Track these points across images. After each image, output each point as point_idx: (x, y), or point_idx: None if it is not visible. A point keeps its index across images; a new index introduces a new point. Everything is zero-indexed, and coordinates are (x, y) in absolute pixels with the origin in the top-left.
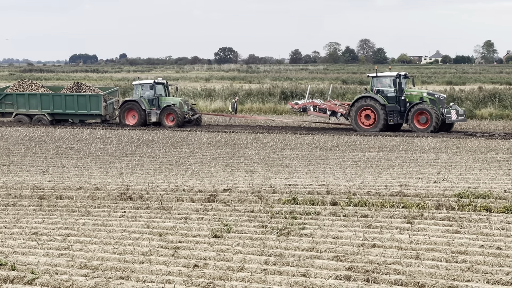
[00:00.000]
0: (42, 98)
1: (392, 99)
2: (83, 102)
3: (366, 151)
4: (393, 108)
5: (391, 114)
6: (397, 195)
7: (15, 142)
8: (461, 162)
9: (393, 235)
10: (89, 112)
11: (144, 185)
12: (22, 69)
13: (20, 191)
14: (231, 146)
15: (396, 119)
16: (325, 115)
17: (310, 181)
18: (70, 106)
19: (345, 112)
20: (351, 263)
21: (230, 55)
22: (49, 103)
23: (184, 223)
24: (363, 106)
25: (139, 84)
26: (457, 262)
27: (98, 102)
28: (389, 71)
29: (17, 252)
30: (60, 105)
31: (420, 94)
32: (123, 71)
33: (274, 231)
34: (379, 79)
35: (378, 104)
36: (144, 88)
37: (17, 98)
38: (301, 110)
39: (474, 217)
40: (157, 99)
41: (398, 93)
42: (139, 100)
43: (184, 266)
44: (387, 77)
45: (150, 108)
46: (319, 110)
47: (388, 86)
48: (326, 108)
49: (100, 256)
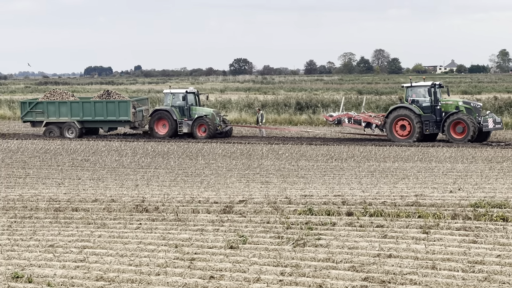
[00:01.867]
0: (72, 106)
1: (428, 109)
2: (112, 108)
3: (381, 161)
4: (429, 118)
5: (426, 124)
6: (412, 205)
7: (31, 155)
8: (477, 171)
9: (409, 245)
10: (118, 118)
11: (159, 197)
12: (37, 82)
13: (36, 204)
14: (246, 157)
15: (432, 129)
16: (360, 127)
17: (325, 191)
18: (99, 113)
19: (380, 123)
20: (367, 274)
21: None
22: (78, 110)
23: (200, 234)
24: (398, 117)
25: (170, 93)
26: (473, 272)
27: (127, 109)
28: (423, 81)
29: (33, 265)
30: (89, 112)
31: (456, 103)
32: (138, 83)
33: (290, 242)
34: (413, 89)
35: (413, 114)
36: (176, 97)
37: (47, 106)
38: (335, 123)
39: (490, 226)
40: (189, 109)
41: (433, 102)
42: (170, 109)
43: (200, 277)
44: (421, 87)
45: (182, 118)
46: (354, 122)
47: (423, 96)
48: (361, 120)
49: (116, 268)
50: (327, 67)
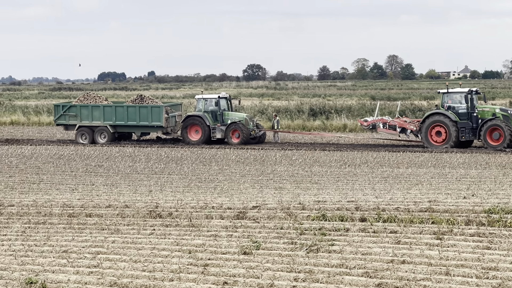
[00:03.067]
0: (105, 110)
1: (464, 115)
2: (145, 113)
3: (395, 167)
4: (465, 124)
5: (462, 130)
6: (426, 211)
7: (44, 161)
8: (490, 177)
9: (422, 251)
10: (150, 123)
11: (173, 203)
12: (51, 87)
13: (50, 209)
14: (260, 163)
15: (468, 136)
16: (395, 132)
17: (339, 197)
18: (132, 117)
19: (415, 129)
20: (381, 280)
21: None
22: (111, 114)
23: (214, 240)
24: (434, 123)
25: (202, 98)
26: (487, 279)
27: (159, 114)
28: (459, 87)
29: (47, 270)
30: (122, 116)
31: (493, 110)
32: (152, 88)
33: (304, 247)
34: (449, 95)
35: (449, 121)
36: (208, 103)
37: (80, 109)
38: (370, 128)
39: (504, 232)
40: (222, 114)
41: (470, 109)
42: (203, 115)
43: (214, 283)
44: (458, 93)
45: (215, 124)
46: (389, 127)
47: (459, 102)
48: (396, 125)
49: (129, 273)
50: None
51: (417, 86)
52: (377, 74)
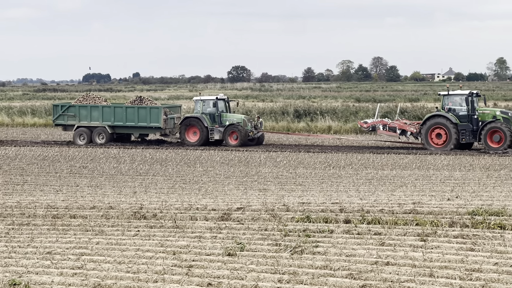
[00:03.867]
0: (103, 110)
1: (464, 117)
2: (144, 114)
3: (379, 169)
4: (465, 126)
5: (463, 132)
6: (410, 212)
7: (29, 162)
8: (474, 179)
9: (406, 252)
10: (149, 124)
11: (157, 204)
12: (36, 88)
13: (34, 211)
14: (244, 164)
15: (468, 138)
16: (395, 134)
17: (323, 199)
18: (130, 118)
19: (415, 131)
20: (365, 281)
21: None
22: (110, 115)
23: (198, 241)
24: (434, 125)
25: (200, 100)
26: (471, 280)
27: (158, 115)
28: (460, 90)
29: (31, 272)
30: (121, 117)
31: (493, 112)
32: (136, 90)
33: (288, 249)
34: (450, 97)
35: (449, 123)
36: (206, 104)
37: (79, 110)
38: (370, 129)
39: (488, 234)
40: (219, 115)
41: (470, 111)
42: (201, 116)
43: (198, 285)
44: (458, 95)
45: (213, 125)
46: (389, 129)
47: (460, 105)
48: (396, 127)
49: (114, 275)
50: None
51: (402, 88)
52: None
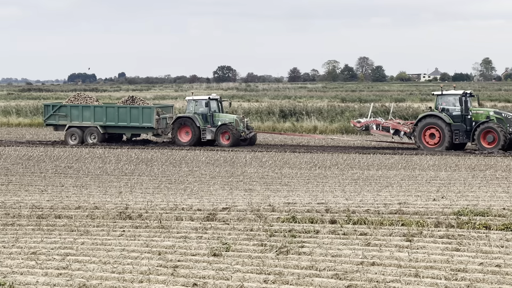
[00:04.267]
0: (95, 110)
1: (458, 117)
2: (136, 114)
3: (365, 169)
4: (459, 127)
5: (456, 133)
6: (396, 213)
7: (13, 162)
8: (460, 179)
9: (392, 253)
10: (141, 124)
11: (143, 204)
12: (20, 88)
13: (18, 211)
14: (230, 164)
15: (461, 138)
16: (388, 134)
17: (309, 199)
18: (122, 118)
19: (408, 131)
20: (351, 281)
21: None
22: (102, 115)
23: (183, 242)
24: (428, 125)
25: (192, 99)
26: (456, 280)
27: (150, 115)
28: (454, 89)
29: (15, 272)
30: (113, 117)
31: (487, 112)
32: (122, 90)
33: (273, 249)
34: (444, 97)
35: (443, 123)
36: (198, 104)
37: (71, 110)
38: (363, 129)
39: (473, 234)
40: (212, 115)
41: (464, 111)
42: (193, 116)
43: (183, 285)
44: (452, 95)
45: (205, 125)
46: (382, 129)
47: (453, 105)
48: (389, 127)
49: (99, 275)
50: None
51: (388, 88)
52: (348, 76)
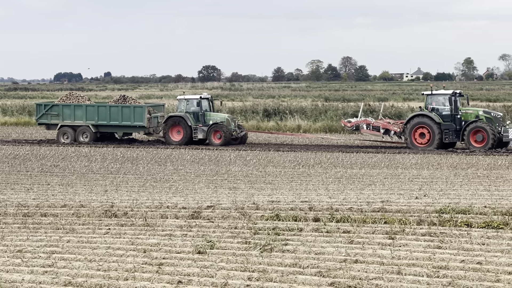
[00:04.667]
0: (87, 109)
1: (447, 117)
2: (127, 113)
3: (348, 168)
4: (449, 126)
5: (446, 132)
6: (379, 211)
7: (0, 160)
8: (442, 178)
9: (375, 250)
10: (132, 123)
11: (128, 202)
12: (7, 87)
13: (4, 209)
14: (214, 163)
15: (451, 138)
16: (378, 133)
17: (292, 197)
18: (114, 117)
19: (399, 131)
20: (334, 279)
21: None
22: (94, 114)
23: (168, 239)
24: (418, 124)
25: (184, 99)
26: (438, 277)
27: (142, 114)
28: (443, 89)
29: (1, 270)
30: (104, 116)
31: (476, 112)
32: (108, 89)
33: (257, 247)
34: (433, 97)
35: (433, 122)
36: (190, 103)
37: (63, 109)
38: (354, 129)
39: (455, 232)
40: (203, 115)
41: (453, 111)
42: (185, 115)
43: (168, 282)
44: (442, 95)
45: (196, 124)
46: (373, 128)
47: (442, 104)
48: (379, 126)
49: (84, 273)
50: (294, 74)
51: (371, 87)
52: (331, 76)
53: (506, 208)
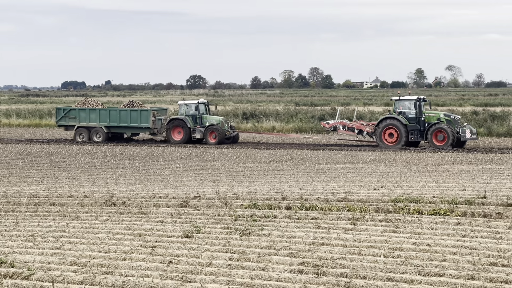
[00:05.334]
0: (100, 113)
1: (413, 119)
2: (135, 116)
3: (316, 163)
4: (414, 127)
5: (412, 132)
6: (342, 200)
7: (14, 157)
8: (397, 172)
9: (339, 234)
10: (139, 125)
11: (126, 193)
12: (20, 94)
13: (18, 199)
14: (200, 159)
15: (416, 137)
16: (353, 134)
17: (268, 189)
18: (124, 119)
19: (370, 131)
20: (303, 259)
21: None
22: (106, 117)
23: (160, 225)
24: (387, 126)
25: (184, 104)
26: (393, 257)
27: (147, 116)
28: (409, 96)
29: (15, 252)
30: (115, 118)
31: (438, 115)
32: (108, 95)
33: (237, 232)
34: (401, 102)
35: (400, 124)
36: (189, 108)
37: (79, 112)
38: (331, 129)
39: (408, 218)
40: (201, 117)
41: (418, 114)
42: (184, 118)
43: (160, 262)
44: (408, 100)
45: (195, 126)
46: (348, 129)
47: (408, 108)
48: (354, 127)
49: (88, 254)
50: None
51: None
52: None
53: (451, 197)
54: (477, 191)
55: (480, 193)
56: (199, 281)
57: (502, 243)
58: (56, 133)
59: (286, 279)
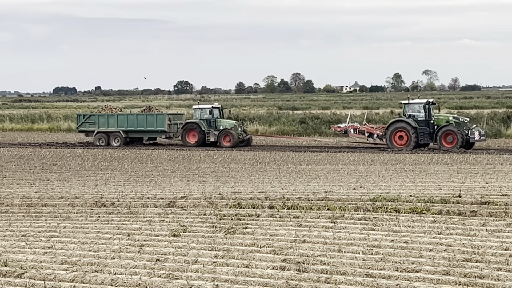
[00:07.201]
0: (118, 118)
1: (422, 122)
2: (151, 120)
3: (297, 164)
4: (423, 130)
5: (421, 135)
6: (323, 199)
7: (7, 160)
8: (375, 172)
9: (319, 232)
10: (155, 129)
11: (115, 194)
12: (13, 99)
13: (11, 201)
14: (187, 161)
15: (425, 139)
16: (363, 137)
17: (251, 189)
18: (141, 124)
19: (381, 134)
20: (285, 256)
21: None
22: (124, 122)
23: (148, 224)
24: (397, 129)
25: (198, 108)
26: (372, 254)
27: (163, 121)
28: (418, 99)
29: (8, 251)
30: (133, 123)
31: (447, 118)
32: (98, 100)
33: (222, 230)
34: (410, 105)
35: (410, 127)
36: (203, 112)
37: (98, 118)
38: (343, 132)
39: (385, 217)
40: (215, 121)
41: (427, 117)
42: (199, 122)
43: (148, 260)
44: (417, 103)
45: (209, 130)
46: (359, 132)
47: (418, 111)
48: (364, 131)
49: (78, 253)
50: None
51: (316, 98)
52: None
53: (427, 196)
54: (452, 190)
55: (455, 192)
56: (185, 278)
57: (476, 240)
58: (47, 137)
59: (269, 275)
